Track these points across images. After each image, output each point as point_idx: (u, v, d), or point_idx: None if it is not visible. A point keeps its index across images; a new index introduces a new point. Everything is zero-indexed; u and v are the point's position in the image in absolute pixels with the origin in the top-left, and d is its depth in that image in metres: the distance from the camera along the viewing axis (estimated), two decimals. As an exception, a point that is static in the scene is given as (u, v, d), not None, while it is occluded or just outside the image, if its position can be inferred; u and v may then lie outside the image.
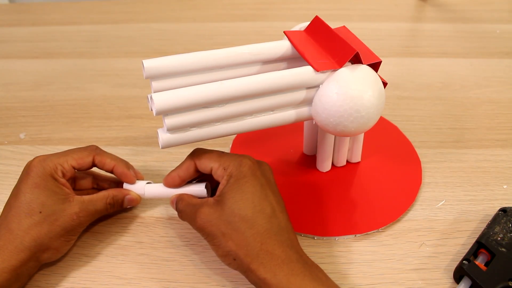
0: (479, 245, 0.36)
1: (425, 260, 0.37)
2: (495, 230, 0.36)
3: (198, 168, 0.37)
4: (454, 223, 0.40)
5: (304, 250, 0.38)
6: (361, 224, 0.40)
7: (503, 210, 0.38)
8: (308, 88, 0.36)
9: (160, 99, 0.32)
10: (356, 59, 0.35)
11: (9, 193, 0.45)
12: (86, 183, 0.41)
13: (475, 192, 0.43)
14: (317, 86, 0.36)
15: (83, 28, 0.76)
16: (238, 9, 0.80)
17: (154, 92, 0.33)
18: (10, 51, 0.70)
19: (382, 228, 0.39)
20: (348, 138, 0.43)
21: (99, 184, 0.42)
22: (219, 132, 0.36)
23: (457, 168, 0.46)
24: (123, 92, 0.59)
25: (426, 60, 0.64)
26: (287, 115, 0.37)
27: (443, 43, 0.68)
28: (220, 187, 0.34)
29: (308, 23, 0.39)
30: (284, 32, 0.38)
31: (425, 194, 0.43)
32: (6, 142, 0.51)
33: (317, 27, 0.38)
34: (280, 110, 0.37)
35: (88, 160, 0.39)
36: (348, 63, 0.35)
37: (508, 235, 0.36)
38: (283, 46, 0.37)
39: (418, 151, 0.47)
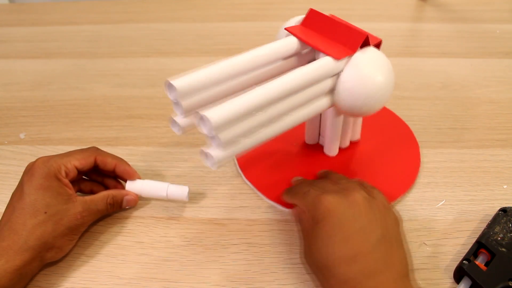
0: (479, 245, 0.36)
1: (425, 260, 0.37)
2: (495, 230, 0.36)
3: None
4: (454, 223, 0.40)
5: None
6: None
7: (503, 210, 0.38)
8: (331, 77, 0.37)
9: (215, 116, 0.30)
10: (364, 42, 0.36)
11: (9, 193, 0.45)
12: (85, 185, 0.42)
13: (475, 192, 0.43)
14: (337, 74, 0.37)
15: (83, 28, 0.76)
16: (238, 9, 0.80)
17: (186, 111, 0.33)
18: (10, 51, 0.70)
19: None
20: (352, 118, 0.45)
21: (93, 190, 0.42)
22: (263, 137, 0.35)
23: (457, 168, 0.46)
24: (123, 92, 0.59)
25: (426, 60, 0.64)
26: (314, 108, 0.38)
27: (443, 43, 0.68)
28: None
29: (301, 16, 0.40)
30: (285, 29, 0.39)
31: (425, 194, 0.43)
32: (6, 142, 0.51)
33: (314, 19, 0.38)
34: (309, 104, 0.37)
35: (90, 160, 0.39)
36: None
37: (508, 235, 0.36)
38: (293, 42, 0.38)
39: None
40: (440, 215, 0.41)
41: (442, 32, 0.71)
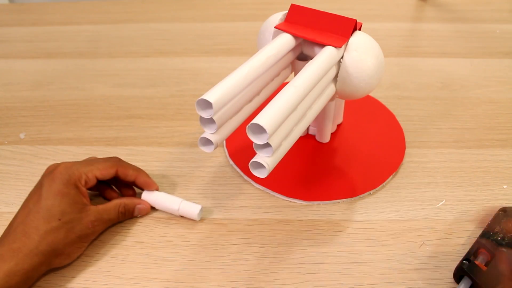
0: (479, 245, 0.36)
1: (425, 260, 0.37)
2: (495, 230, 0.37)
3: None
4: (454, 223, 0.40)
5: (304, 251, 0.39)
6: (366, 183, 0.44)
7: (503, 210, 0.38)
8: (335, 65, 0.38)
9: (267, 123, 0.30)
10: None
11: (9, 193, 0.45)
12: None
13: (475, 192, 0.43)
14: (337, 62, 0.38)
15: (83, 28, 0.76)
16: (238, 9, 0.80)
17: (218, 126, 0.34)
18: (10, 51, 0.70)
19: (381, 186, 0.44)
20: (336, 102, 0.47)
21: (107, 194, 0.43)
22: (296, 136, 0.36)
23: (457, 168, 0.46)
24: (123, 92, 0.59)
25: (426, 60, 0.64)
26: (325, 97, 0.39)
27: (443, 43, 0.68)
28: None
29: (282, 13, 0.41)
30: (276, 27, 0.39)
31: (425, 194, 0.43)
32: (6, 142, 0.51)
33: (298, 13, 0.40)
34: (321, 95, 0.38)
35: (112, 171, 0.40)
36: None
37: (508, 235, 0.36)
38: (289, 39, 0.38)
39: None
40: (440, 215, 0.41)
41: (442, 32, 0.71)
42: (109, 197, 0.42)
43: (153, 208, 0.42)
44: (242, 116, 0.37)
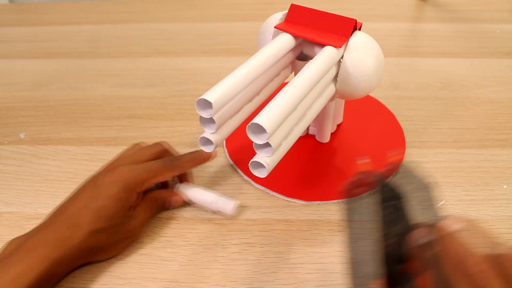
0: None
1: (425, 260, 0.37)
2: (390, 230, 0.29)
3: None
4: (454, 223, 0.40)
5: (304, 251, 0.39)
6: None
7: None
8: (334, 65, 0.39)
9: (267, 122, 0.30)
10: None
11: (9, 193, 0.45)
12: None
13: (475, 192, 0.43)
14: (337, 62, 0.38)
15: (83, 28, 0.76)
16: (238, 9, 0.80)
17: (218, 126, 0.33)
18: (10, 51, 0.70)
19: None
20: (336, 102, 0.47)
21: None
22: (297, 135, 0.36)
23: (457, 168, 0.46)
24: (123, 92, 0.59)
25: (426, 60, 0.64)
26: (325, 97, 0.39)
27: (443, 43, 0.68)
28: None
29: (282, 13, 0.41)
30: (275, 27, 0.39)
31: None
32: (6, 142, 0.51)
33: (298, 13, 0.40)
34: (321, 94, 0.38)
35: (169, 175, 0.41)
36: None
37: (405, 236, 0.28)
38: (289, 39, 0.38)
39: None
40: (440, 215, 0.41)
41: (442, 32, 0.71)
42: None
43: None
44: (242, 116, 0.37)
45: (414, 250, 0.24)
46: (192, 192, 0.42)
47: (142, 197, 0.39)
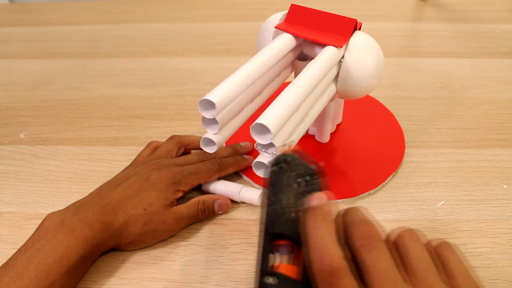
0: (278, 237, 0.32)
1: (425, 260, 0.37)
2: (288, 204, 0.28)
3: None
4: (454, 223, 0.40)
5: (304, 250, 0.38)
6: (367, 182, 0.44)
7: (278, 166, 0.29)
8: (335, 65, 0.39)
9: (271, 123, 0.30)
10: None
11: (9, 193, 0.45)
12: None
13: (475, 192, 0.43)
14: (338, 62, 0.38)
15: (83, 28, 0.76)
16: (238, 9, 0.80)
17: (221, 126, 0.34)
18: (10, 51, 0.70)
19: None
20: (336, 102, 0.47)
21: None
22: (299, 135, 0.36)
23: (457, 168, 0.46)
24: (123, 92, 0.59)
25: (426, 60, 0.64)
26: (326, 97, 0.39)
27: (443, 43, 0.68)
28: None
29: (282, 13, 0.41)
30: (276, 27, 0.39)
31: (425, 194, 0.43)
32: (6, 142, 0.51)
33: (298, 13, 0.40)
34: (322, 94, 0.38)
35: (213, 178, 0.42)
36: None
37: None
38: (290, 39, 0.38)
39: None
40: (440, 215, 0.41)
41: (442, 32, 0.71)
42: None
43: None
44: (243, 116, 0.37)
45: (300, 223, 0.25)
46: (215, 184, 0.42)
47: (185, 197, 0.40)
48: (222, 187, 0.42)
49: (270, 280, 0.23)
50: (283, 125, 0.31)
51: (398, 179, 0.45)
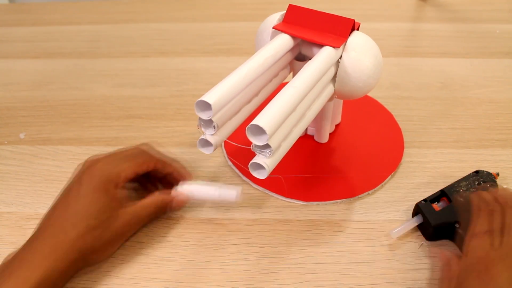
0: (442, 193, 0.40)
1: (425, 260, 0.37)
2: (461, 184, 0.40)
3: None
4: (454, 223, 0.40)
5: (304, 251, 0.39)
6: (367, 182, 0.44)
7: (476, 172, 0.42)
8: (333, 65, 0.39)
9: (267, 124, 0.30)
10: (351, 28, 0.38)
11: (9, 193, 0.45)
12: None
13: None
14: (335, 62, 0.38)
15: (83, 28, 0.76)
16: (238, 9, 0.80)
17: (218, 127, 0.33)
18: (10, 51, 0.70)
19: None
20: (335, 102, 0.47)
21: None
22: (296, 136, 0.36)
23: (457, 168, 0.46)
24: (123, 92, 0.59)
25: (426, 60, 0.64)
26: (324, 97, 0.39)
27: (443, 43, 0.68)
28: None
29: (280, 13, 0.41)
30: (274, 27, 0.39)
31: (425, 194, 0.43)
32: (6, 142, 0.51)
33: (296, 14, 0.40)
34: (320, 95, 0.38)
35: (150, 165, 0.39)
36: None
37: (471, 189, 0.39)
38: (288, 40, 0.38)
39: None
40: (440, 215, 0.41)
41: (442, 32, 0.71)
42: (148, 190, 0.42)
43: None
44: (241, 117, 0.37)
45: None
46: (193, 188, 0.41)
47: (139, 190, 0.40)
48: (200, 192, 0.40)
49: None
50: (279, 126, 0.31)
51: (398, 179, 0.45)
